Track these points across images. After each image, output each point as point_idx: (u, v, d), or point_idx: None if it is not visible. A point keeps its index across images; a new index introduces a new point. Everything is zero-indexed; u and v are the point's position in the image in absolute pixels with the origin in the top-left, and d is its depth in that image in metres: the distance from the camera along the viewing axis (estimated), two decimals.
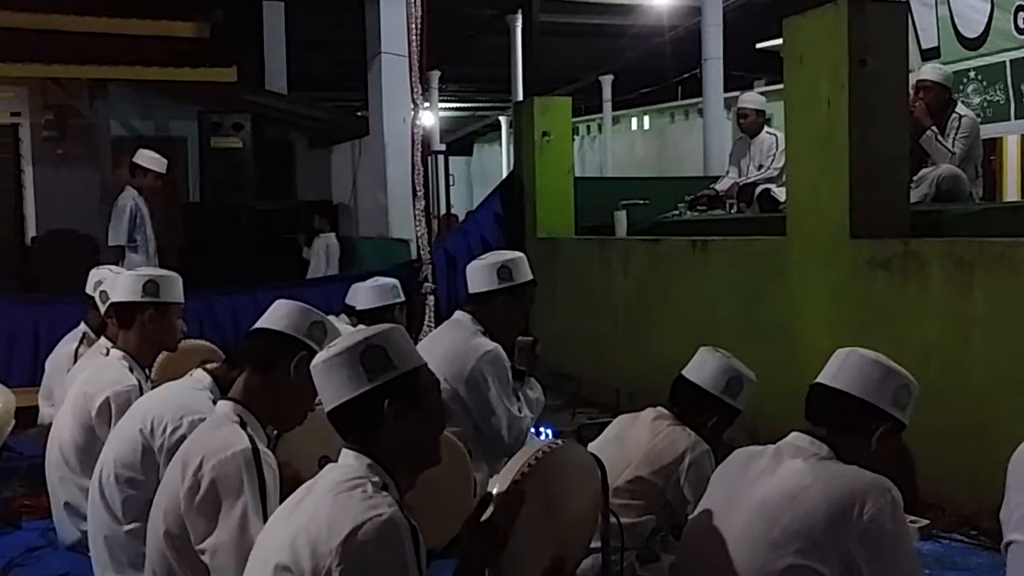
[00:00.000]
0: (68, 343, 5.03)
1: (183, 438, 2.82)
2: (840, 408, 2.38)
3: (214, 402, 2.95)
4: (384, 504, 1.87)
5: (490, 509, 2.11)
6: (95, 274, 4.75)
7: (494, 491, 2.15)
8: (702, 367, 3.19)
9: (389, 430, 1.98)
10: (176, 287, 3.65)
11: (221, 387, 3.02)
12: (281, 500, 2.19)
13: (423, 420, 2.03)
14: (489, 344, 3.78)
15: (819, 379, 2.46)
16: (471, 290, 3.90)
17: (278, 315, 2.55)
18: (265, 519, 2.21)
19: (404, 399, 1.99)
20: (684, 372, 3.23)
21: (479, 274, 3.86)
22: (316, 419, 3.08)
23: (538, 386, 4.01)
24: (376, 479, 1.95)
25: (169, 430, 2.87)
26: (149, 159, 7.32)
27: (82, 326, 5.01)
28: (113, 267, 5.07)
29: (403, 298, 5.56)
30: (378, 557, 1.82)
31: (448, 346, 3.77)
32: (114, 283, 3.92)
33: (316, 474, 2.06)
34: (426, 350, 2.86)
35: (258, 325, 2.58)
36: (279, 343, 2.50)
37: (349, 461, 1.99)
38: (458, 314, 3.96)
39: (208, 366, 3.09)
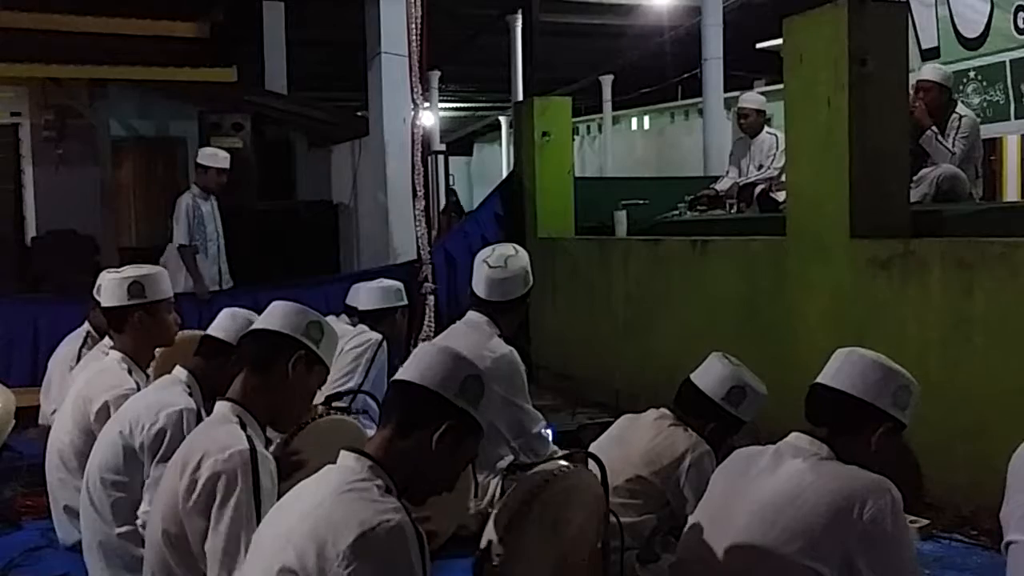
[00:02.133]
0: (71, 343, 5.04)
1: (161, 432, 2.85)
2: (840, 408, 2.38)
3: (190, 394, 2.97)
4: (392, 509, 1.86)
5: (495, 538, 2.15)
6: (102, 277, 4.76)
7: (495, 514, 2.18)
8: (708, 372, 3.20)
9: (426, 438, 1.99)
10: (162, 282, 3.60)
11: (199, 379, 3.04)
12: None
13: (448, 458, 2.03)
14: (504, 347, 3.84)
15: (819, 379, 2.46)
16: (491, 297, 3.91)
17: (275, 315, 2.55)
18: (259, 521, 2.20)
19: (458, 432, 2.01)
20: (692, 375, 3.23)
21: (505, 285, 3.90)
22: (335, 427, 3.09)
23: None
24: (380, 482, 1.94)
25: (147, 427, 2.89)
26: (208, 156, 7.26)
27: (86, 326, 5.02)
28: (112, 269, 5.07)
29: (406, 301, 5.52)
30: (386, 563, 1.81)
31: (464, 348, 3.76)
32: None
33: None
34: None
35: (255, 326, 2.59)
36: (277, 343, 2.50)
37: (349, 463, 1.97)
38: (473, 315, 3.97)
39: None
